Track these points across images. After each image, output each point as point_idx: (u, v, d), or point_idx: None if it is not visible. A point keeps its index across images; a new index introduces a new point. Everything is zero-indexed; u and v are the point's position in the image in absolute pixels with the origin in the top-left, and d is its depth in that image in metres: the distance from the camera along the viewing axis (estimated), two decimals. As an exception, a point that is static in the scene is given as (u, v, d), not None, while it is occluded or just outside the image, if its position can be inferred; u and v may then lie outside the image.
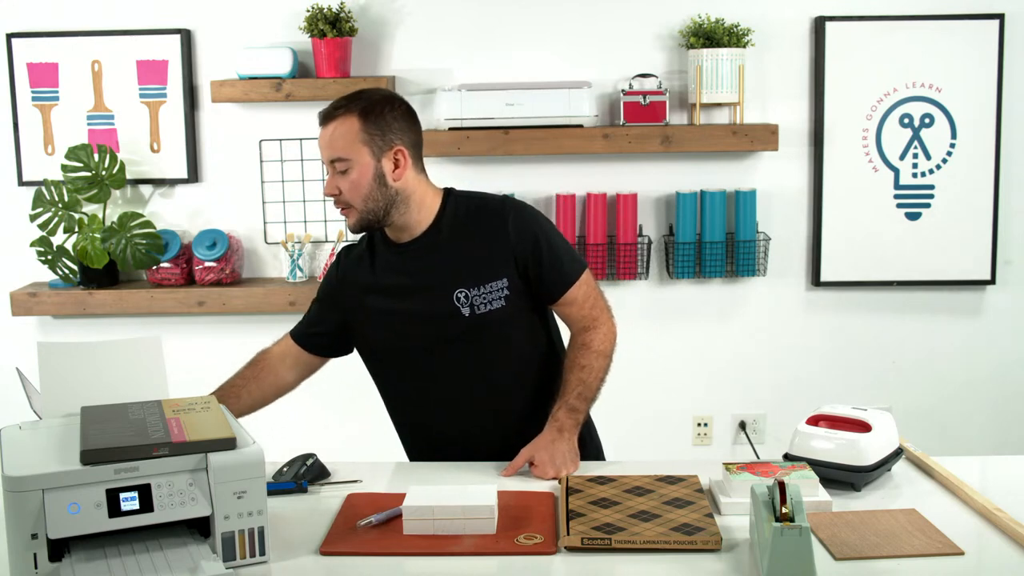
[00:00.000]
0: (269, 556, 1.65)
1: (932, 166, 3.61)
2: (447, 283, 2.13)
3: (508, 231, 2.15)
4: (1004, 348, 3.73)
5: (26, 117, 3.59)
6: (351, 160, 2.08)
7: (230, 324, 3.66)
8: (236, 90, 3.47)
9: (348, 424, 3.69)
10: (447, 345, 2.15)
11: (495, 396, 2.20)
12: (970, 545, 1.69)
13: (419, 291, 2.15)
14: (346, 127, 2.09)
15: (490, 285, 2.13)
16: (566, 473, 2.02)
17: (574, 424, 2.12)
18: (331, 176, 2.11)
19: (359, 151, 2.08)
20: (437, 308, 2.13)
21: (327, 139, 2.11)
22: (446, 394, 2.20)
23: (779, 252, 3.67)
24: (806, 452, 1.97)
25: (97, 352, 1.89)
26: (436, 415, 2.22)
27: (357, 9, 3.53)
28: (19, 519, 1.52)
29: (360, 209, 2.10)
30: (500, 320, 2.14)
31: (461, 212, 2.18)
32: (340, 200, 2.11)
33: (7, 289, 3.59)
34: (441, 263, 2.15)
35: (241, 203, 3.65)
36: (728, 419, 3.77)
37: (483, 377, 2.18)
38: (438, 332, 2.15)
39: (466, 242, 2.16)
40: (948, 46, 3.55)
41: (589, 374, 2.17)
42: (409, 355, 2.19)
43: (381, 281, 2.19)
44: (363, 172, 2.08)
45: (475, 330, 2.14)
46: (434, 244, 2.16)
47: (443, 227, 2.17)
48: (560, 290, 2.19)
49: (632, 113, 3.49)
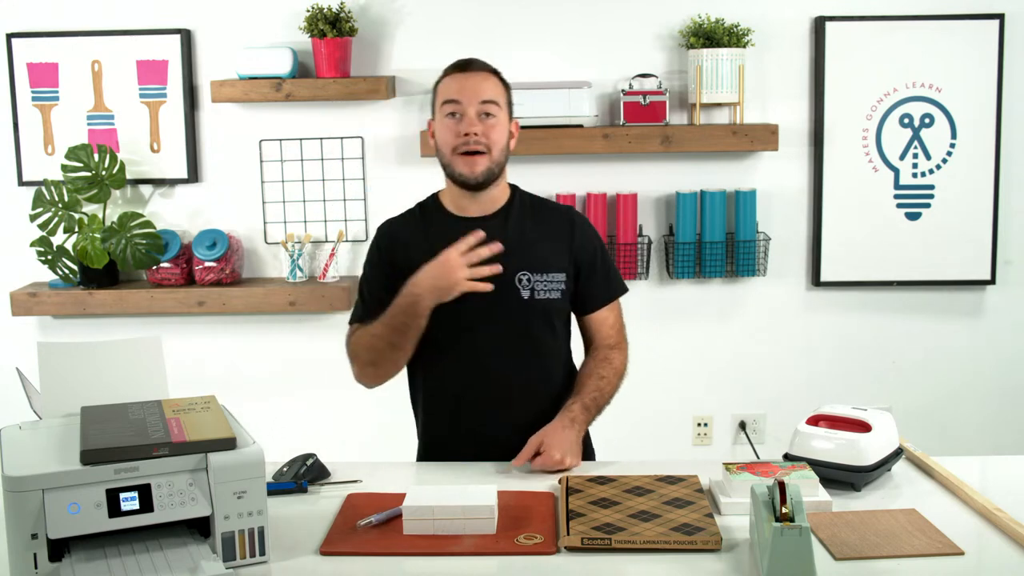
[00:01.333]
0: (269, 556, 1.65)
1: (932, 166, 3.61)
2: (512, 263, 2.17)
3: (574, 231, 2.26)
4: (1004, 348, 3.73)
5: (26, 117, 3.59)
6: (501, 109, 2.18)
7: (230, 324, 3.66)
8: (236, 90, 3.47)
9: (348, 424, 3.69)
10: (495, 322, 2.18)
11: (523, 385, 2.22)
12: (970, 545, 1.69)
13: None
14: (494, 81, 2.20)
15: (552, 275, 2.21)
16: (569, 463, 2.05)
17: (585, 421, 2.18)
18: (473, 118, 2.15)
19: (504, 105, 2.20)
20: (498, 284, 2.14)
21: (478, 83, 2.17)
22: (480, 373, 2.21)
23: (779, 252, 3.67)
24: (806, 452, 1.97)
25: (97, 352, 1.89)
26: (464, 396, 2.23)
27: (357, 9, 3.53)
28: (19, 519, 1.52)
29: (494, 157, 2.17)
30: (552, 310, 2.21)
31: (527, 204, 2.29)
32: (479, 142, 2.15)
33: (7, 289, 3.59)
34: (509, 242, 2.18)
35: (241, 203, 3.65)
36: (728, 419, 3.77)
37: (517, 363, 2.21)
38: (491, 308, 2.16)
39: (533, 231, 2.24)
40: (948, 46, 3.55)
41: (606, 385, 2.25)
42: (456, 326, 2.19)
43: (440, 249, 2.17)
44: (503, 125, 2.19)
45: (527, 313, 2.19)
46: (504, 224, 2.23)
47: (513, 211, 2.25)
48: (603, 301, 2.29)
49: (632, 113, 3.49)
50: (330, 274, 3.59)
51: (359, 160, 3.62)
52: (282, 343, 3.68)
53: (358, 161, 3.62)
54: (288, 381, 3.70)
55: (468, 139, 2.14)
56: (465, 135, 2.15)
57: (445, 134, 2.18)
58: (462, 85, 2.17)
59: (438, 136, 2.21)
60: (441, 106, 2.19)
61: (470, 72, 2.18)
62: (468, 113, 2.15)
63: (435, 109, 2.22)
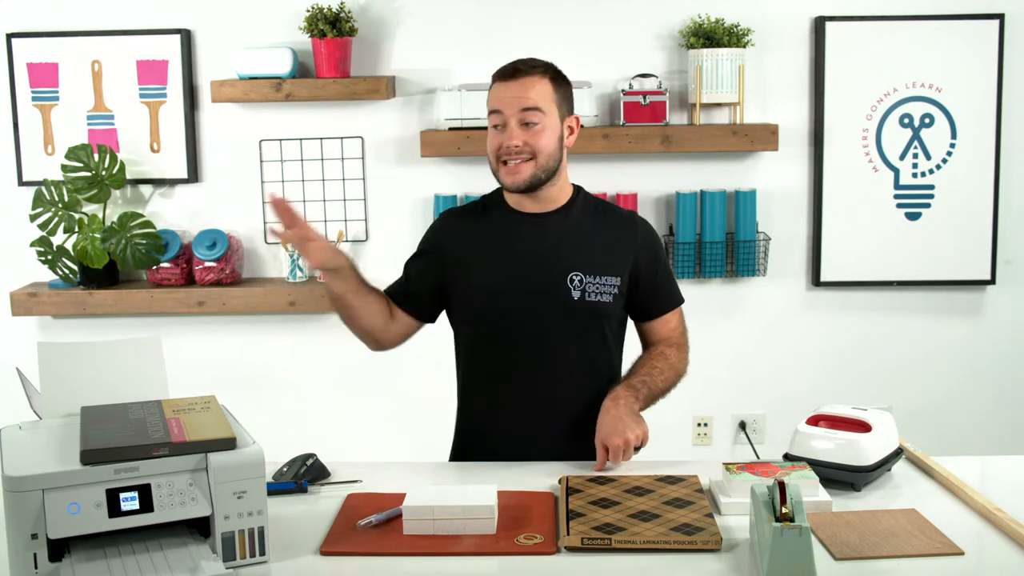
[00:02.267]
0: (269, 556, 1.65)
1: (932, 166, 3.61)
2: (565, 262, 2.17)
3: (636, 235, 2.25)
4: (1004, 348, 3.73)
5: (26, 117, 3.59)
6: (545, 114, 2.15)
7: (230, 324, 3.66)
8: (236, 90, 3.46)
9: (348, 424, 3.69)
10: (543, 320, 2.18)
11: (564, 385, 2.22)
12: (970, 545, 1.69)
13: (535, 261, 2.18)
14: (541, 84, 2.16)
15: (605, 278, 2.19)
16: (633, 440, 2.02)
17: (631, 395, 2.14)
18: (515, 128, 2.14)
19: (551, 108, 2.16)
20: (549, 282, 2.16)
21: (519, 91, 2.15)
22: (523, 368, 2.20)
23: (779, 252, 3.67)
24: (806, 452, 1.97)
25: (97, 352, 1.89)
26: (505, 390, 2.23)
27: (357, 9, 3.53)
28: (19, 519, 1.52)
29: (540, 165, 2.15)
30: (602, 313, 2.20)
31: (591, 205, 2.28)
32: (522, 151, 2.14)
33: (7, 289, 3.59)
34: (564, 241, 2.20)
35: (241, 203, 3.65)
36: (728, 419, 3.77)
37: (561, 362, 2.20)
38: (540, 305, 2.17)
39: (592, 232, 2.23)
40: (948, 46, 3.55)
41: (658, 375, 2.23)
42: (504, 318, 2.20)
43: (495, 242, 2.22)
44: (552, 128, 2.16)
45: (577, 314, 2.18)
46: (562, 222, 2.22)
47: (574, 210, 2.24)
48: (667, 308, 2.29)
49: (632, 113, 3.49)
50: (330, 274, 3.59)
51: (359, 160, 3.62)
52: (282, 343, 3.68)
53: (358, 161, 3.62)
54: (288, 381, 3.71)
55: (510, 150, 2.15)
56: (507, 147, 2.15)
57: (489, 143, 2.19)
58: (504, 95, 2.16)
59: (487, 144, 2.21)
60: (488, 115, 2.19)
61: (513, 80, 2.16)
62: (510, 124, 2.15)
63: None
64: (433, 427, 2.59)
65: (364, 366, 3.55)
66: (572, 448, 2.18)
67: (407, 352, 2.42)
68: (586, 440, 2.18)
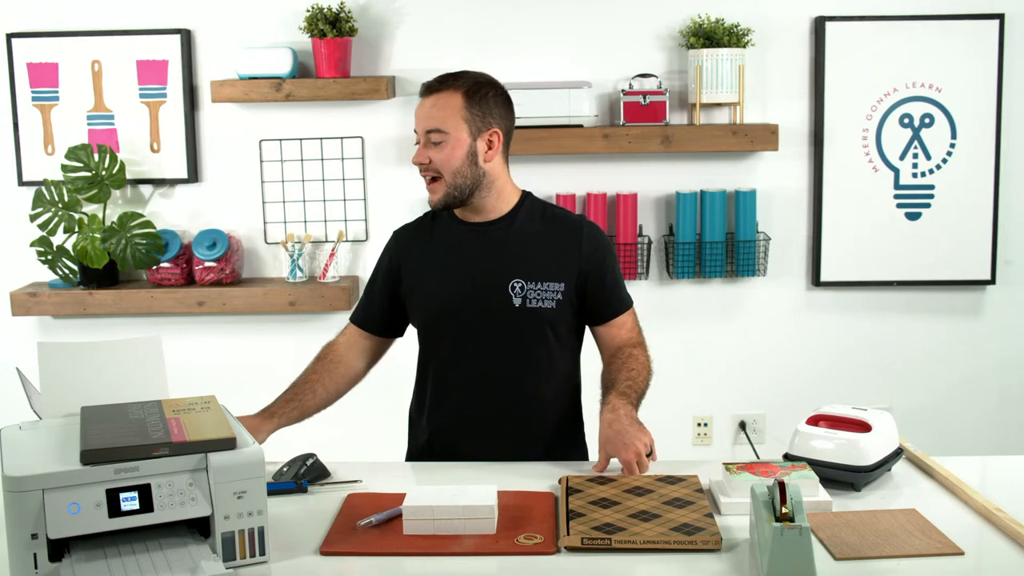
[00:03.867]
0: (269, 556, 1.65)
1: (932, 166, 3.61)
2: (506, 270, 2.19)
3: (581, 242, 2.23)
4: (1004, 348, 3.73)
5: (26, 117, 3.59)
6: (448, 134, 2.15)
7: (230, 324, 3.66)
8: (236, 90, 3.47)
9: (348, 424, 3.69)
10: (488, 327, 2.20)
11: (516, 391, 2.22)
12: (970, 545, 1.69)
13: (478, 270, 2.21)
14: (449, 102, 2.16)
15: (548, 284, 2.19)
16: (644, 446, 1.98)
17: (627, 403, 2.10)
18: (423, 147, 2.18)
19: (458, 126, 2.16)
20: (492, 291, 2.18)
21: (427, 110, 2.18)
22: (475, 376, 2.22)
23: (779, 252, 3.67)
24: (806, 452, 1.97)
25: (97, 352, 1.89)
26: (462, 397, 2.24)
27: (357, 9, 3.53)
28: (19, 519, 1.52)
29: (448, 183, 2.17)
30: (545, 319, 2.19)
31: (537, 212, 2.27)
32: (429, 170, 2.18)
33: (7, 289, 3.59)
34: (506, 250, 2.21)
35: (241, 203, 3.65)
36: (728, 419, 3.77)
37: (509, 368, 2.21)
38: (484, 312, 2.19)
39: (536, 239, 2.23)
40: (948, 46, 3.55)
41: (636, 376, 2.20)
42: (451, 327, 2.23)
43: (441, 252, 2.25)
44: (458, 147, 2.16)
45: (520, 321, 2.18)
46: (504, 231, 2.23)
47: (517, 219, 2.24)
48: (616, 312, 2.27)
49: (632, 113, 3.49)
50: (330, 274, 3.59)
51: (359, 160, 3.62)
52: (282, 343, 3.68)
53: (358, 161, 3.62)
54: (288, 381, 3.69)
55: (419, 167, 2.21)
56: (416, 163, 2.21)
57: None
58: (417, 112, 2.21)
59: None
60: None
61: (427, 96, 2.19)
62: (421, 141, 2.20)
63: None
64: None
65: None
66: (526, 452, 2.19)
67: (408, 352, 2.42)
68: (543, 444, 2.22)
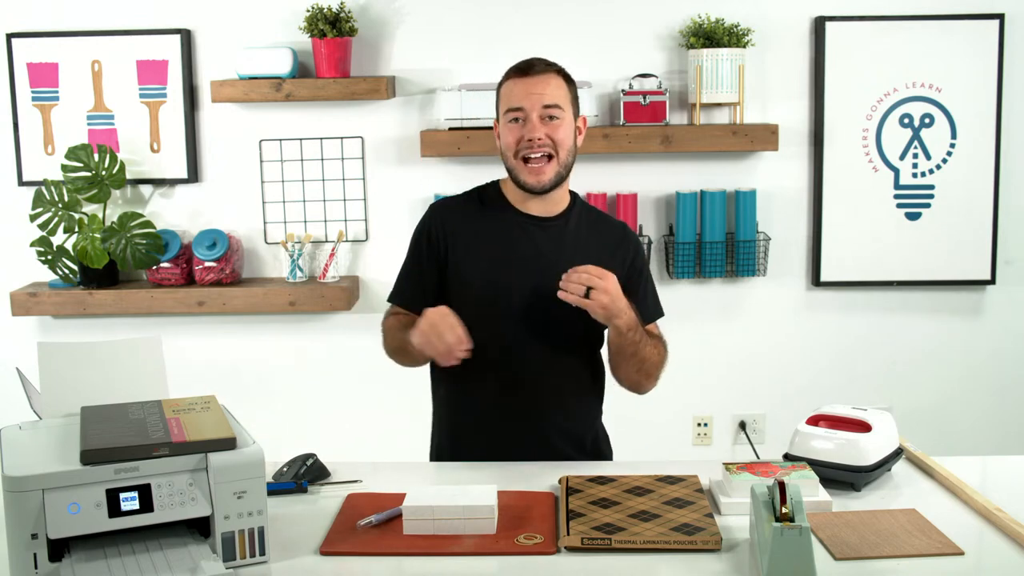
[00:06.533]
0: (269, 556, 1.65)
1: (932, 166, 3.61)
2: (563, 268, 2.14)
3: (629, 246, 2.27)
4: (1004, 348, 3.73)
5: (26, 117, 3.59)
6: (564, 111, 2.15)
7: (230, 324, 3.66)
8: (236, 90, 3.46)
9: (348, 424, 3.69)
10: (533, 322, 2.18)
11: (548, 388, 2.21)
12: (970, 545, 1.69)
13: (534, 264, 2.18)
14: (557, 82, 2.17)
15: None
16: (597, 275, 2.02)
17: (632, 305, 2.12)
18: (537, 123, 2.14)
19: (568, 107, 2.17)
20: (545, 283, 2.13)
21: (541, 86, 2.15)
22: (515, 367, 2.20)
23: (779, 252, 3.67)
24: (806, 452, 1.97)
25: (97, 352, 1.89)
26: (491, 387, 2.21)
27: (357, 9, 3.53)
28: (19, 519, 1.52)
29: (561, 160, 2.16)
30: (592, 322, 2.13)
31: (586, 212, 2.30)
32: (544, 146, 2.14)
33: (7, 289, 3.59)
34: (564, 247, 2.21)
35: (241, 203, 3.65)
36: (728, 419, 3.77)
37: (547, 364, 2.20)
38: (532, 308, 2.17)
39: (588, 240, 2.24)
40: (948, 46, 3.55)
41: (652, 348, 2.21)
42: (496, 318, 2.19)
43: (495, 235, 2.21)
44: (569, 126, 2.18)
45: (570, 320, 2.15)
46: (562, 228, 2.24)
47: (573, 216, 2.26)
48: (653, 317, 2.29)
49: (632, 113, 3.49)
50: (330, 274, 3.59)
51: (359, 160, 3.62)
52: (282, 343, 3.68)
53: (358, 161, 3.62)
54: (288, 381, 3.71)
55: (532, 144, 2.14)
56: (529, 140, 2.14)
57: (508, 137, 2.17)
58: (525, 90, 2.15)
59: (503, 140, 2.19)
60: (505, 112, 2.17)
61: (532, 76, 2.16)
62: (531, 118, 2.14)
63: (499, 112, 2.21)
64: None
65: (364, 366, 3.55)
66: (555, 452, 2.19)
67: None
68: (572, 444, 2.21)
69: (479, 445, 2.22)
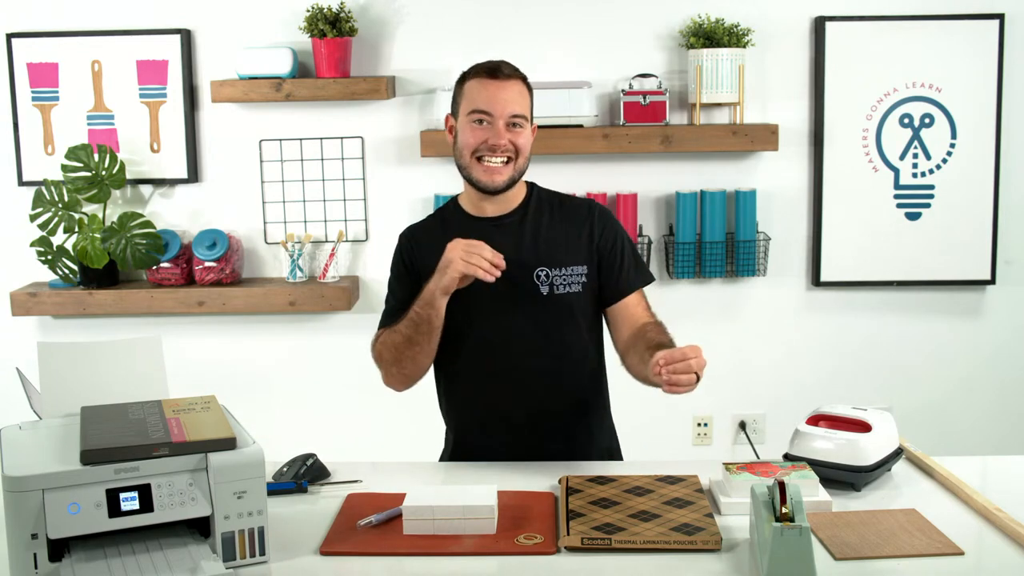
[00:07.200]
0: (269, 556, 1.65)
1: (932, 166, 3.61)
2: (530, 260, 2.18)
3: (594, 223, 2.25)
4: (1004, 348, 3.73)
5: (26, 117, 3.59)
6: (526, 120, 2.19)
7: (230, 324, 3.66)
8: (236, 90, 3.47)
9: (348, 424, 3.69)
10: (516, 319, 2.19)
11: (547, 382, 2.21)
12: (970, 545, 1.69)
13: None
14: (522, 91, 2.20)
15: (571, 268, 2.20)
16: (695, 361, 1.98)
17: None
18: (503, 129, 2.15)
19: (529, 115, 2.21)
20: (517, 283, 2.16)
21: (508, 92, 2.17)
22: (504, 370, 2.20)
23: (779, 252, 3.67)
24: (806, 452, 1.97)
25: (97, 352, 1.89)
26: (489, 393, 2.23)
27: (357, 9, 3.53)
28: (19, 519, 1.52)
29: (517, 166, 2.19)
30: (574, 304, 2.20)
31: (545, 200, 2.29)
32: (508, 149, 2.16)
33: (7, 289, 3.59)
34: (525, 240, 2.21)
35: (241, 203, 3.65)
36: (728, 419, 3.77)
37: (540, 359, 2.20)
38: (511, 305, 2.18)
39: (551, 226, 2.24)
40: (948, 46, 3.55)
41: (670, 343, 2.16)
42: (479, 324, 2.20)
43: None
44: (528, 134, 2.21)
45: (549, 309, 2.18)
46: (521, 222, 2.24)
47: (530, 208, 2.26)
48: (635, 286, 2.25)
49: (632, 113, 3.49)
50: (330, 274, 3.59)
51: (359, 160, 3.62)
52: (282, 343, 3.68)
53: (358, 161, 3.63)
54: (288, 381, 3.71)
55: (496, 149, 2.15)
56: (493, 145, 2.14)
57: (468, 137, 2.17)
58: (493, 96, 2.15)
59: (460, 138, 2.19)
60: (469, 112, 2.17)
61: (501, 81, 2.16)
62: (498, 125, 2.15)
63: (458, 109, 2.20)
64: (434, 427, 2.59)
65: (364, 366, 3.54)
66: (559, 446, 2.20)
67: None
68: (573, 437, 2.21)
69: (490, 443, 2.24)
